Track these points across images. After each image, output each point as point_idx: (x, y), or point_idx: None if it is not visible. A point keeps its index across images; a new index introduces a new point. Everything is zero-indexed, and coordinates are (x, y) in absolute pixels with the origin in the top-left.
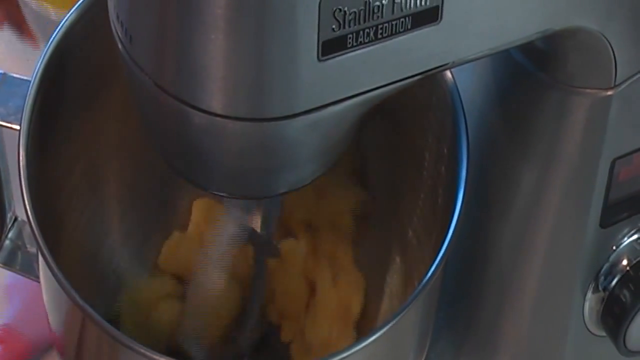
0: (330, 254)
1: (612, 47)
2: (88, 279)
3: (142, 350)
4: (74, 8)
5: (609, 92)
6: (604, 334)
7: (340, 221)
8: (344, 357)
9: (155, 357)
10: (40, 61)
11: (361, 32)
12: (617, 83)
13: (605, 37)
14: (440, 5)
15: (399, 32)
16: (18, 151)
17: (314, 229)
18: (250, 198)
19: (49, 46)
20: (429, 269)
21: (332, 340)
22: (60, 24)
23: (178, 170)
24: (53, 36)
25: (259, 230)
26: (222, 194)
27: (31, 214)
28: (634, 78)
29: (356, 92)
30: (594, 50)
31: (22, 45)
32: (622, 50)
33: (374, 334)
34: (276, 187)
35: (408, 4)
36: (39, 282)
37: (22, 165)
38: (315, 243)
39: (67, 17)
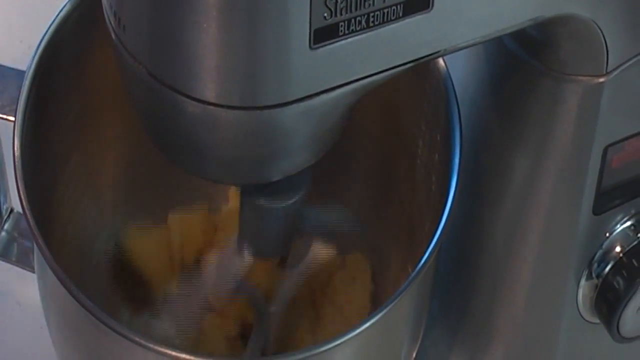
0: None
1: (603, 35)
2: (82, 270)
3: (137, 339)
4: (67, 1)
5: (601, 80)
6: (597, 321)
7: None
8: (338, 344)
9: (151, 345)
10: (35, 52)
11: (353, 20)
12: (608, 70)
13: (597, 25)
14: None
15: (391, 20)
16: (13, 143)
17: None
18: (243, 184)
19: (44, 37)
20: (422, 257)
21: None
22: (55, 15)
23: (172, 158)
24: (47, 27)
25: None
26: (216, 181)
27: (27, 206)
28: (626, 65)
29: (348, 80)
30: (586, 38)
31: None
32: (614, 37)
33: (367, 321)
34: (269, 174)
35: None
36: (34, 272)
37: (17, 157)
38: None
39: (62, 9)
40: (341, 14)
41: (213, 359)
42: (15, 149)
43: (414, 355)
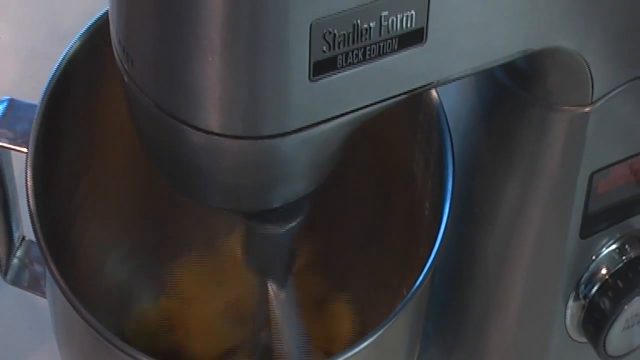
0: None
1: (588, 66)
2: (92, 295)
3: None
4: (77, 36)
5: (587, 109)
6: (585, 340)
7: None
8: None
9: None
10: (46, 87)
11: (350, 53)
12: (593, 100)
13: (582, 57)
14: (425, 27)
15: (386, 53)
16: (26, 173)
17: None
18: (246, 212)
19: (55, 72)
20: (417, 278)
21: None
22: (65, 51)
23: (176, 186)
24: (58, 62)
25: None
26: (218, 207)
27: (40, 234)
28: (610, 95)
29: (346, 111)
30: (572, 69)
31: None
32: (598, 68)
33: (362, 342)
34: (270, 201)
35: (394, 26)
36: (45, 297)
37: (30, 187)
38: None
39: (71, 46)
40: (339, 47)
41: None
42: (29, 179)
43: None
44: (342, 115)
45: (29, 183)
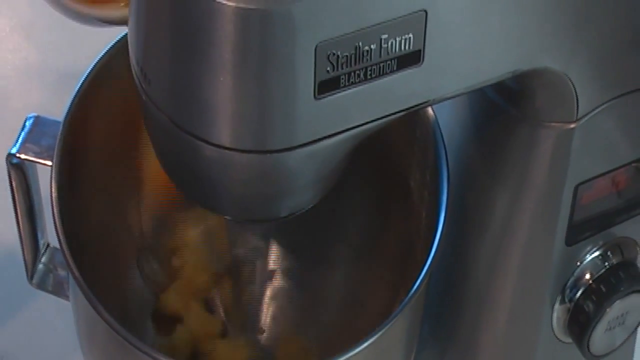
0: None
1: (574, 85)
2: (112, 298)
3: None
4: (97, 58)
5: (572, 125)
6: (570, 340)
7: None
8: None
9: None
10: (69, 105)
11: (352, 73)
12: (578, 117)
13: (568, 77)
14: (422, 49)
15: (386, 73)
16: (50, 185)
17: None
18: (255, 221)
19: (77, 91)
20: (413, 285)
21: None
22: (86, 72)
23: (191, 196)
24: (80, 83)
25: None
26: (229, 216)
27: (63, 241)
28: (594, 112)
29: (348, 127)
30: (558, 88)
31: None
32: (583, 88)
33: (363, 342)
34: (277, 211)
35: (393, 48)
36: (68, 300)
37: (54, 197)
38: None
39: (93, 66)
40: (342, 68)
41: None
42: (53, 190)
43: None
44: (345, 131)
45: (54, 194)
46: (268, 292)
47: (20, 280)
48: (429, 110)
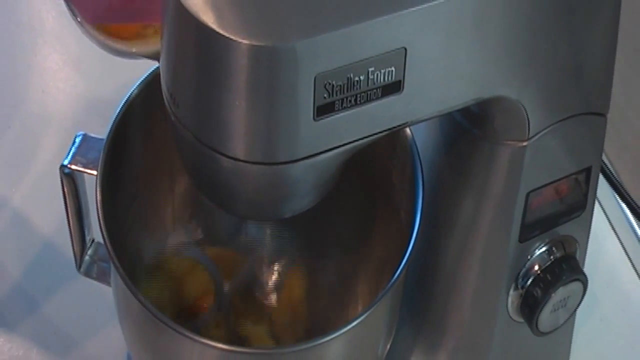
0: None
1: (525, 111)
2: (146, 283)
3: (196, 338)
4: (135, 85)
5: (524, 144)
6: (522, 320)
7: None
8: (334, 337)
9: (208, 343)
10: (111, 125)
11: (345, 99)
12: (529, 137)
13: (521, 103)
14: (402, 80)
15: (372, 99)
16: (95, 191)
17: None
18: (263, 220)
19: (118, 114)
20: (394, 274)
21: None
22: (125, 97)
23: (211, 199)
24: (120, 106)
25: None
26: (242, 216)
27: (106, 237)
28: (542, 133)
29: (341, 144)
30: (513, 113)
31: None
32: (533, 112)
33: (354, 320)
34: (282, 212)
35: (379, 79)
36: (109, 286)
37: (99, 201)
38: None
39: (131, 92)
40: (337, 95)
41: (239, 349)
42: (98, 195)
43: (388, 346)
44: (338, 147)
45: (98, 198)
46: (272, 278)
47: (70, 269)
48: (407, 130)
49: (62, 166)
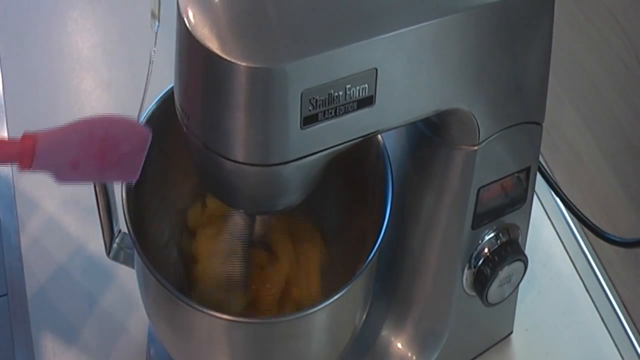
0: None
1: (476, 120)
2: (164, 266)
3: (209, 312)
4: (154, 101)
5: (475, 148)
6: (474, 294)
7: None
8: (320, 308)
9: (224, 317)
10: None
11: (326, 111)
12: (480, 142)
13: (472, 114)
14: (374, 95)
15: (349, 111)
16: (122, 189)
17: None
18: (260, 213)
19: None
20: (368, 256)
21: None
22: (146, 111)
23: (216, 195)
24: (141, 120)
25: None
26: (242, 209)
27: (130, 228)
28: (490, 139)
29: (324, 148)
30: (466, 122)
31: None
32: (482, 121)
33: (336, 293)
34: (276, 206)
35: (354, 94)
36: (134, 269)
37: (124, 197)
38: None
39: (150, 107)
40: (320, 107)
41: (242, 318)
42: (123, 192)
43: (364, 317)
44: (322, 151)
45: (123, 195)
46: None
47: (101, 254)
48: (379, 136)
49: None
